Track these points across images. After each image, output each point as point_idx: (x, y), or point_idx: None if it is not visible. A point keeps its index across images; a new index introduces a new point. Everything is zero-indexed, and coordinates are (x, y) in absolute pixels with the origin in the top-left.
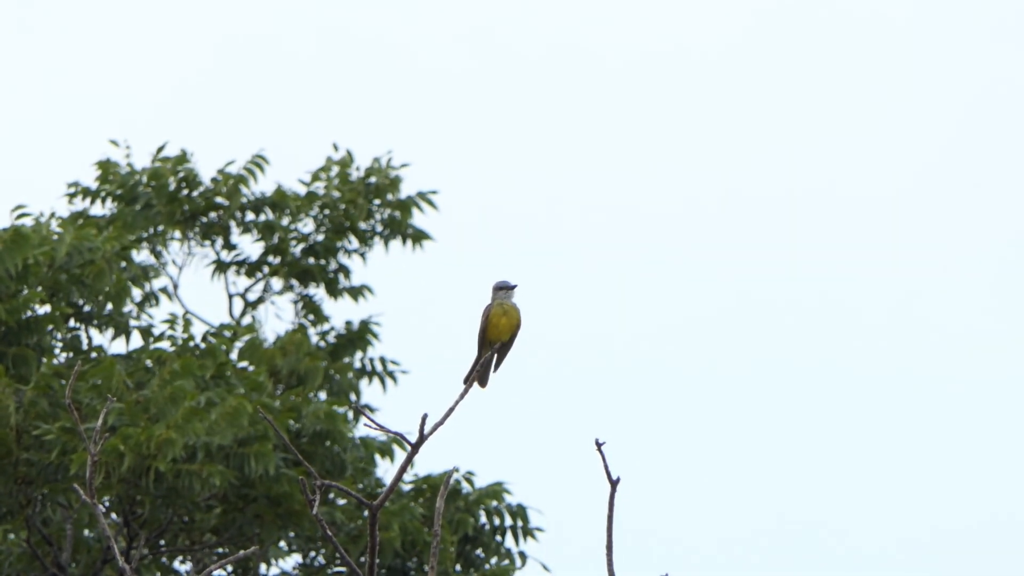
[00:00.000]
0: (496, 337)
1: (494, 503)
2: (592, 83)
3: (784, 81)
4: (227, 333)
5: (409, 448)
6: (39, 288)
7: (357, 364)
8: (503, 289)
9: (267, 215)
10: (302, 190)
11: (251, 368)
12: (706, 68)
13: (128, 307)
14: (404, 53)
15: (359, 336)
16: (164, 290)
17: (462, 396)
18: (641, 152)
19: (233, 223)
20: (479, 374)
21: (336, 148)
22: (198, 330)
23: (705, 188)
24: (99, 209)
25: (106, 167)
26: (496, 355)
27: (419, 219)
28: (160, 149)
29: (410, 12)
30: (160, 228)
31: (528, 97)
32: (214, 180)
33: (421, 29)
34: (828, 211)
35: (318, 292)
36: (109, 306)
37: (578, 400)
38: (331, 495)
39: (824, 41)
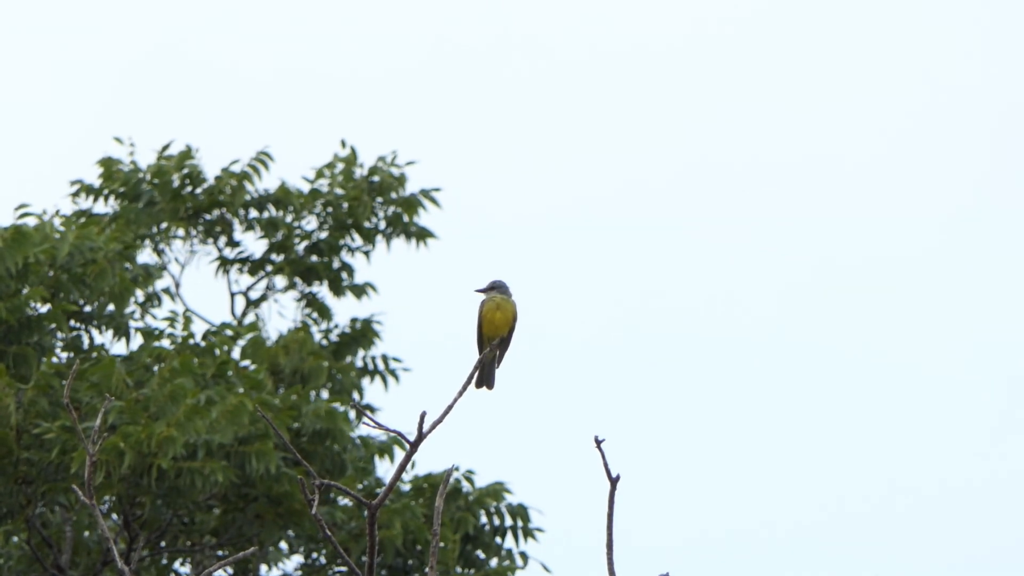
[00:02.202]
0: (493, 333)
1: (494, 503)
2: (591, 81)
3: (755, 63)
4: (228, 332)
5: (408, 447)
6: (40, 287)
7: (359, 363)
8: (493, 289)
9: (270, 212)
10: (306, 187)
11: (253, 367)
12: (690, 61)
13: (130, 307)
14: (405, 53)
15: (362, 335)
16: (167, 290)
17: (460, 395)
18: (639, 148)
19: (236, 220)
20: (483, 373)
21: (344, 145)
22: (199, 328)
23: (709, 184)
24: (103, 207)
25: (109, 165)
26: (497, 352)
27: (422, 217)
28: (165, 147)
29: (410, 13)
30: (163, 225)
31: (525, 96)
32: (218, 178)
33: (420, 29)
34: (821, 196)
35: (321, 290)
36: (111, 306)
37: (578, 399)
38: (331, 494)
39: (797, 25)
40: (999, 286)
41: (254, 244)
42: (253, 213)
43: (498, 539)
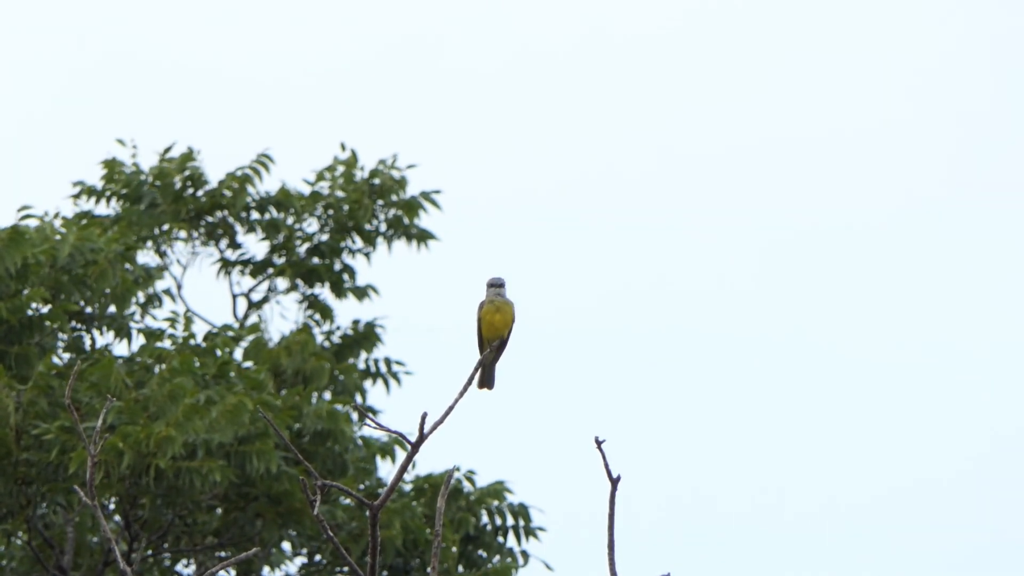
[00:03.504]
0: (493, 335)
1: (495, 502)
2: (585, 76)
3: (738, 55)
4: (229, 333)
5: (409, 447)
6: (41, 288)
7: (361, 365)
8: (493, 287)
9: (272, 214)
10: (307, 190)
11: (254, 367)
12: (682, 51)
13: (131, 308)
14: (409, 52)
15: (364, 337)
16: (168, 291)
17: (461, 395)
18: (642, 146)
19: (238, 222)
20: (483, 373)
21: (344, 148)
22: (200, 328)
23: (713, 179)
24: (104, 208)
25: (111, 166)
26: (494, 352)
27: (423, 219)
28: (167, 149)
29: (406, 14)
30: (165, 227)
31: (524, 94)
32: (219, 180)
33: (416, 29)
34: (809, 189)
35: (323, 292)
36: (112, 307)
37: (579, 398)
38: (330, 494)
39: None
40: (991, 280)
41: (256, 246)
42: (254, 215)
43: (499, 538)
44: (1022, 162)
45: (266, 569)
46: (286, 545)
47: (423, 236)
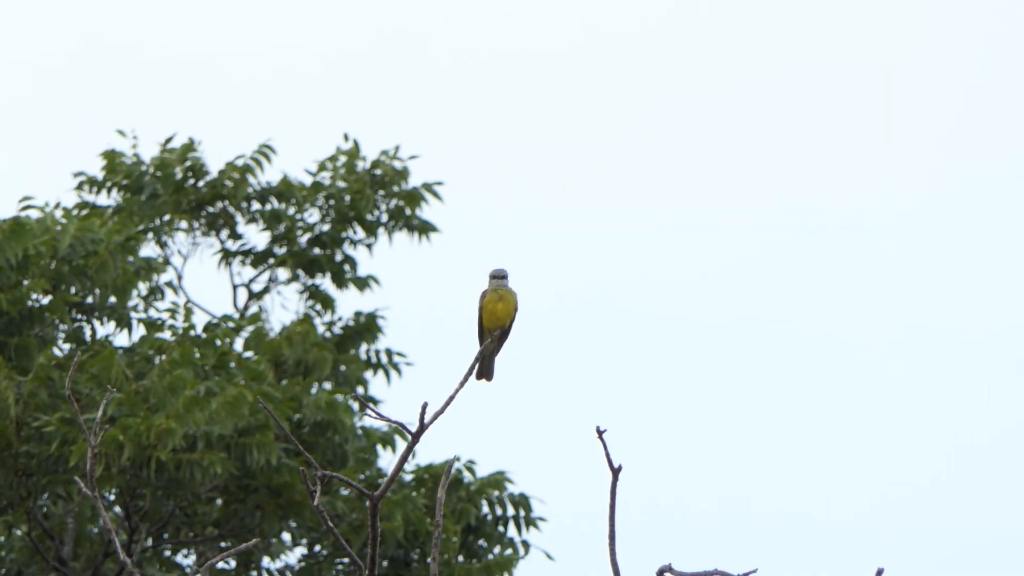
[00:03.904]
0: (494, 324)
1: (496, 493)
2: (596, 69)
3: (709, 51)
4: (229, 324)
5: (410, 438)
6: (41, 279)
7: (363, 356)
8: (496, 278)
9: (273, 204)
10: (308, 180)
11: (254, 358)
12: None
13: (133, 300)
14: (410, 48)
15: (365, 328)
16: (169, 283)
17: (461, 386)
18: (642, 143)
19: (239, 213)
20: (482, 365)
21: (346, 138)
22: (200, 319)
23: (713, 181)
24: (105, 199)
25: (112, 157)
26: (496, 343)
27: (424, 210)
28: (168, 140)
29: (416, 4)
30: (166, 218)
31: (526, 87)
32: (220, 171)
33: (411, 25)
34: (787, 180)
35: (324, 282)
36: (112, 298)
37: (580, 389)
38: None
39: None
40: (987, 280)
41: (257, 236)
42: (256, 206)
43: (500, 528)
44: (1020, 160)
45: (266, 560)
46: (286, 536)
47: (424, 228)
